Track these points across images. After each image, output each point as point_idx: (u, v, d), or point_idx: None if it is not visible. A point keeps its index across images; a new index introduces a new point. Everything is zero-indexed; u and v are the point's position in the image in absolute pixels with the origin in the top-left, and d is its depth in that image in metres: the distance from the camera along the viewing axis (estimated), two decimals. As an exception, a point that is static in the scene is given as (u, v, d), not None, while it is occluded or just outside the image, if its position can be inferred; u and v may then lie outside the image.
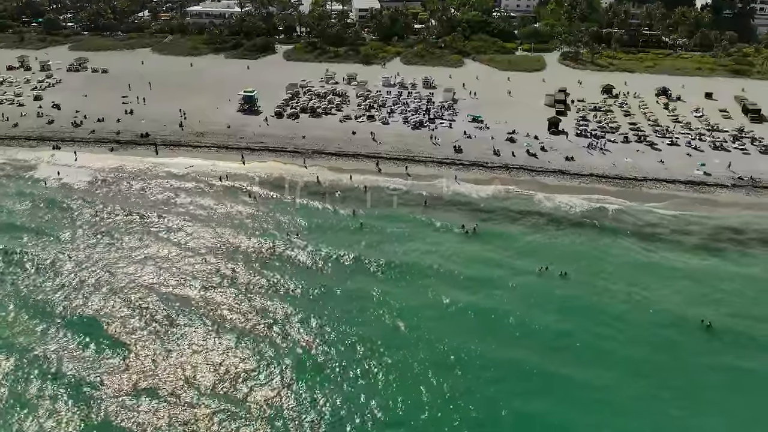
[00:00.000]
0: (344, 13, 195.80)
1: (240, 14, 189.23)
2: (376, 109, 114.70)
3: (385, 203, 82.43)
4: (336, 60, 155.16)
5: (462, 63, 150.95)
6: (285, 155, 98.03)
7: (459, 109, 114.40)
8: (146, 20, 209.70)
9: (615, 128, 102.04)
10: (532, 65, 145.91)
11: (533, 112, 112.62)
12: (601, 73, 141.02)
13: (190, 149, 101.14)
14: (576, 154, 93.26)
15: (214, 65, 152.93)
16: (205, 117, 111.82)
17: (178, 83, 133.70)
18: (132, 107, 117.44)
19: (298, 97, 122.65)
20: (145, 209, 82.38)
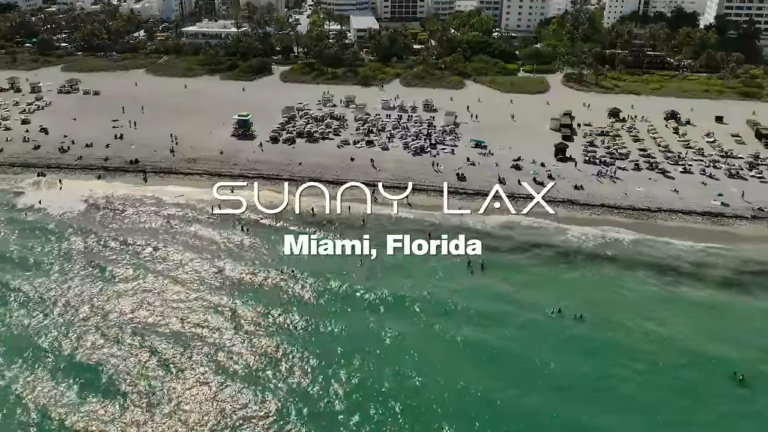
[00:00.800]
0: (342, 33, 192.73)
1: (236, 35, 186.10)
2: (375, 134, 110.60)
3: (387, 234, 77.53)
4: (334, 81, 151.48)
5: (463, 85, 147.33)
6: (280, 183, 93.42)
7: (461, 134, 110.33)
8: (142, 40, 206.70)
9: (625, 155, 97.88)
10: (535, 87, 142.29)
11: (538, 136, 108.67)
12: (606, 95, 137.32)
13: (181, 177, 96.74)
14: (585, 183, 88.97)
15: (209, 87, 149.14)
16: (197, 142, 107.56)
17: (172, 106, 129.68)
18: (122, 131, 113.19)
19: (295, 121, 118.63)
20: (132, 241, 78.42)
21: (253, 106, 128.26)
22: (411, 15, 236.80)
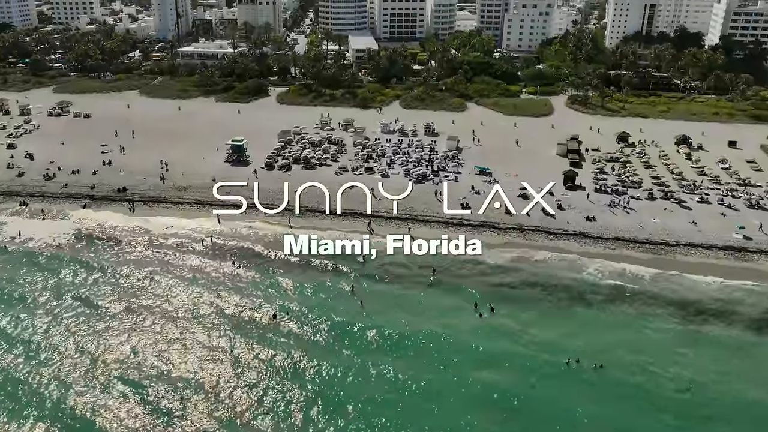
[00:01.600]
0: (341, 53, 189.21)
1: (233, 55, 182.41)
2: (374, 160, 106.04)
3: (387, 273, 72.87)
4: (332, 103, 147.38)
5: (464, 107, 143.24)
6: (275, 214, 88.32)
7: (464, 160, 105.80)
8: (137, 60, 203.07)
9: (637, 183, 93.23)
10: (539, 110, 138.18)
11: (545, 163, 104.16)
12: (612, 118, 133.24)
13: (170, 206, 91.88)
14: (597, 214, 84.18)
15: (204, 109, 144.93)
16: (189, 168, 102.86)
17: (164, 129, 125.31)
18: (111, 157, 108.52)
19: (291, 146, 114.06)
20: (117, 275, 73.89)
21: (248, 130, 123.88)
22: (410, 35, 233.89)
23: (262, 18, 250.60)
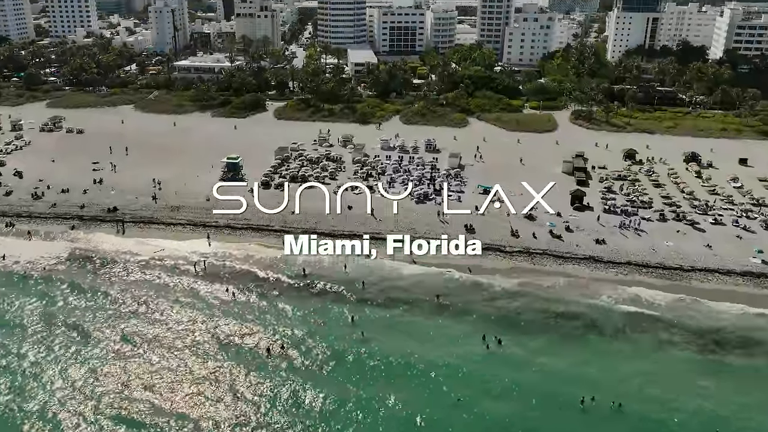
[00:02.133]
0: (339, 67, 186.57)
1: (230, 69, 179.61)
2: (374, 178, 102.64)
3: (389, 300, 69.21)
4: (330, 119, 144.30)
5: (466, 122, 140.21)
6: (270, 235, 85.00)
7: (467, 178, 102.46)
8: (133, 74, 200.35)
9: (647, 203, 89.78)
10: (542, 125, 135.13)
11: (551, 181, 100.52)
12: (618, 134, 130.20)
13: (162, 227, 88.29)
14: (607, 236, 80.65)
15: (199, 125, 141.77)
16: (182, 187, 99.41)
17: (158, 146, 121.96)
18: (102, 175, 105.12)
19: (288, 163, 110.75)
20: (105, 300, 70.61)
21: (244, 146, 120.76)
22: (410, 49, 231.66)
23: (260, 31, 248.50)
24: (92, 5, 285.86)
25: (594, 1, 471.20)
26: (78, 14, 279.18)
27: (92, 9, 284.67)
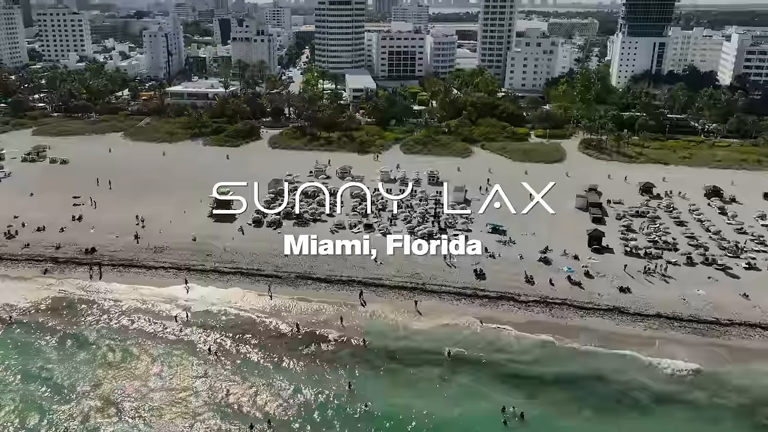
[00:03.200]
0: (337, 93, 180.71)
1: (224, 95, 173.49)
2: (374, 214, 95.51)
3: (392, 362, 61.45)
4: (327, 148, 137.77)
5: (470, 152, 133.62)
6: (260, 281, 77.50)
7: (474, 214, 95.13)
8: (125, 100, 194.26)
9: (671, 244, 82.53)
10: (550, 155, 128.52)
11: (564, 218, 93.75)
12: (630, 165, 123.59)
13: (143, 271, 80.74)
14: (631, 283, 73.32)
15: (190, 154, 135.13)
16: (167, 225, 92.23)
17: (145, 177, 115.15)
18: (83, 211, 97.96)
19: (282, 197, 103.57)
20: (77, 356, 63.18)
21: (236, 178, 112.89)
22: (409, 74, 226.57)
23: (256, 55, 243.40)
24: (86, 29, 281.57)
25: (593, 26, 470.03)
26: (72, 38, 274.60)
27: (86, 33, 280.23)
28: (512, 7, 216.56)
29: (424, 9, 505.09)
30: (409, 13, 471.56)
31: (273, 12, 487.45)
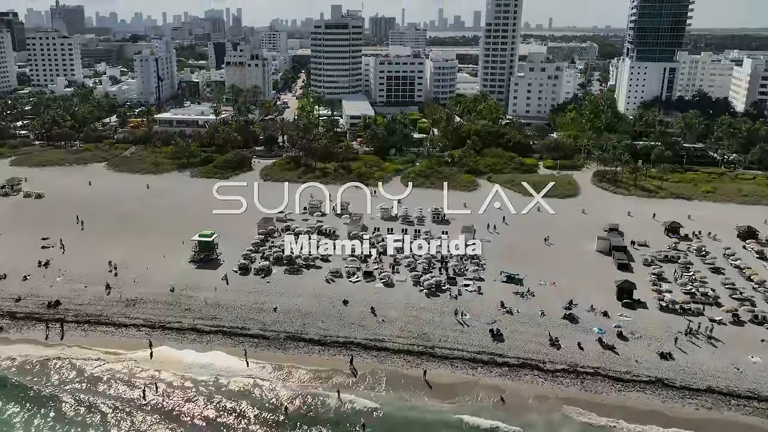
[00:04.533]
0: (333, 121, 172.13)
1: (214, 123, 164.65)
2: (374, 258, 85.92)
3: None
4: (323, 180, 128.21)
5: (476, 185, 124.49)
6: (245, 342, 67.46)
7: (485, 259, 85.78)
8: (112, 126, 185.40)
9: (712, 297, 72.90)
10: (563, 189, 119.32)
11: (586, 263, 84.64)
12: (650, 200, 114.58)
13: (111, 330, 70.71)
14: (672, 346, 63.58)
15: (176, 186, 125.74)
16: (144, 271, 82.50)
17: (124, 214, 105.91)
18: (51, 255, 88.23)
19: (273, 239, 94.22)
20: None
21: (223, 215, 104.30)
22: (408, 99, 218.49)
23: (250, 80, 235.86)
24: (76, 53, 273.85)
25: (592, 49, 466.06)
26: (61, 62, 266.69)
27: (76, 57, 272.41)
28: (515, 30, 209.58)
29: (422, 33, 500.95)
30: (406, 36, 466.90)
31: (269, 36, 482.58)
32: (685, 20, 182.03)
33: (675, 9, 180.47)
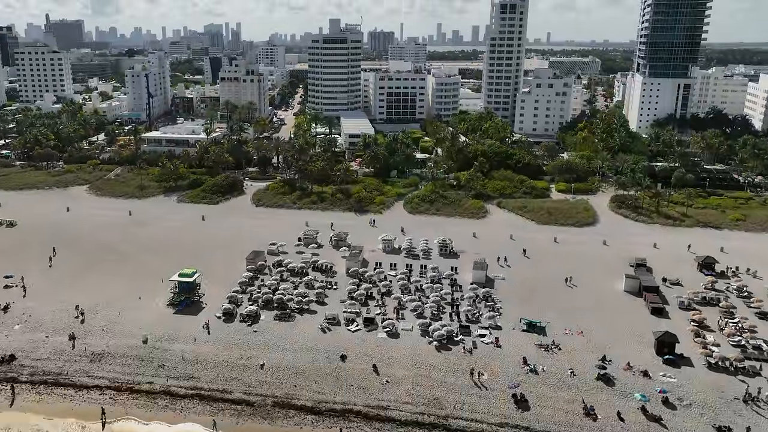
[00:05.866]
0: (331, 140, 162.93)
1: (205, 142, 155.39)
2: (376, 302, 76.34)
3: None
4: (320, 206, 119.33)
5: (485, 212, 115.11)
6: (227, 410, 57.57)
7: (500, 301, 76.22)
8: (99, 145, 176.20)
9: (766, 351, 63.09)
10: (579, 216, 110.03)
11: (615, 307, 75.08)
12: (675, 229, 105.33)
13: (71, 393, 60.72)
14: (730, 416, 53.94)
15: (161, 213, 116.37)
16: (115, 318, 72.70)
17: (101, 247, 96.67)
18: (11, 297, 78.65)
19: (263, 275, 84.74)
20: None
21: (209, 246, 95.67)
22: (409, 116, 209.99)
23: (245, 96, 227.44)
24: (66, 68, 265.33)
25: (595, 64, 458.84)
26: (51, 77, 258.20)
27: (66, 72, 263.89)
28: (520, 44, 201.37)
29: (422, 47, 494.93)
30: (406, 51, 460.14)
31: (266, 50, 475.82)
32: (700, 34, 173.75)
33: (689, 23, 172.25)
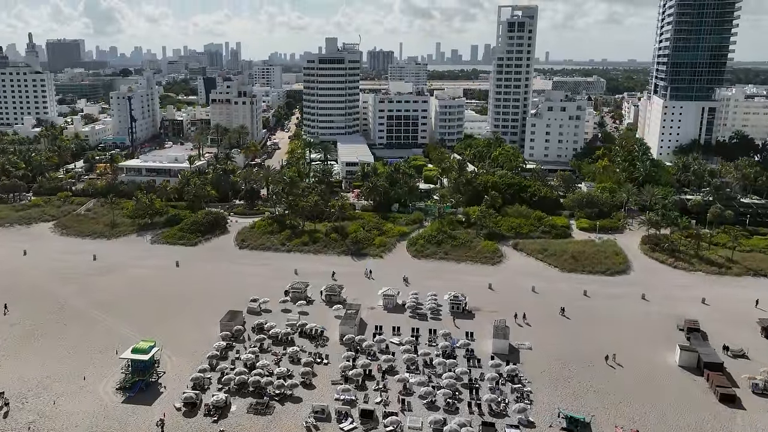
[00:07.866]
0: (326, 169, 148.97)
1: (188, 172, 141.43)
2: (377, 384, 61.71)
3: None
4: (312, 248, 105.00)
5: (500, 256, 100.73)
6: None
7: (528, 382, 61.66)
8: (77, 173, 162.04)
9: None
10: (609, 262, 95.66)
11: (671, 392, 60.62)
12: (721, 278, 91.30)
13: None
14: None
15: (129, 257, 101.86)
16: (48, 409, 58.09)
17: (53, 300, 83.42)
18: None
19: (239, 344, 70.13)
20: None
21: (179, 303, 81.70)
22: (411, 141, 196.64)
23: (237, 119, 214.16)
24: (50, 89, 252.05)
25: (599, 84, 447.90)
26: (33, 99, 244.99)
27: (49, 93, 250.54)
28: (529, 65, 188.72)
29: (423, 67, 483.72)
30: (406, 71, 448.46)
31: (262, 70, 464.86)
32: (726, 53, 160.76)
33: (714, 41, 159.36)
